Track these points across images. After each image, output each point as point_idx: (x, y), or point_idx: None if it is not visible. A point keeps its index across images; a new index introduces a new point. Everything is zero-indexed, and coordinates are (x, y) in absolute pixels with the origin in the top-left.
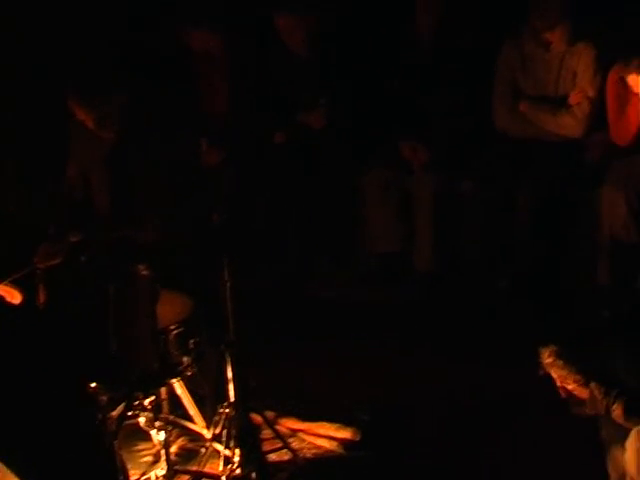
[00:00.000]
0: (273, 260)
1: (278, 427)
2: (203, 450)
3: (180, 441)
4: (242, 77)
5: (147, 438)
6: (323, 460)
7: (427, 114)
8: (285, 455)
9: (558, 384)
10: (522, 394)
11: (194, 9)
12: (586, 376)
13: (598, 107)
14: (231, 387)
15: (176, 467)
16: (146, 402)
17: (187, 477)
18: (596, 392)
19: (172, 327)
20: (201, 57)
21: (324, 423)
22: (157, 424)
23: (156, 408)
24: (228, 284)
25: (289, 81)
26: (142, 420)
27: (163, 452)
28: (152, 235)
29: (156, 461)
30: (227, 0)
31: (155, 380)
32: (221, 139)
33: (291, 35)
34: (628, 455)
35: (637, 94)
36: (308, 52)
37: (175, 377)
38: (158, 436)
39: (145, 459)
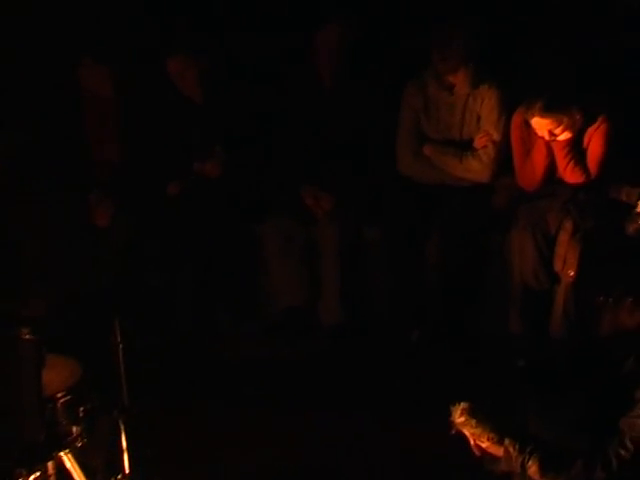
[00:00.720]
0: (169, 318)
1: None
2: None
3: None
4: (134, 123)
5: None
6: None
7: (329, 160)
8: None
9: (471, 442)
10: (436, 451)
11: (86, 46)
12: (500, 433)
13: (504, 151)
14: (125, 457)
15: None
16: (31, 479)
17: None
18: (510, 449)
19: (59, 394)
20: (91, 100)
21: None
22: None
23: None
24: (120, 345)
25: (183, 128)
26: None
27: None
28: (38, 306)
29: None
30: (119, 40)
31: (41, 453)
32: (112, 191)
33: (182, 78)
34: None
35: (542, 137)
36: (202, 96)
37: (63, 449)
38: None
39: None
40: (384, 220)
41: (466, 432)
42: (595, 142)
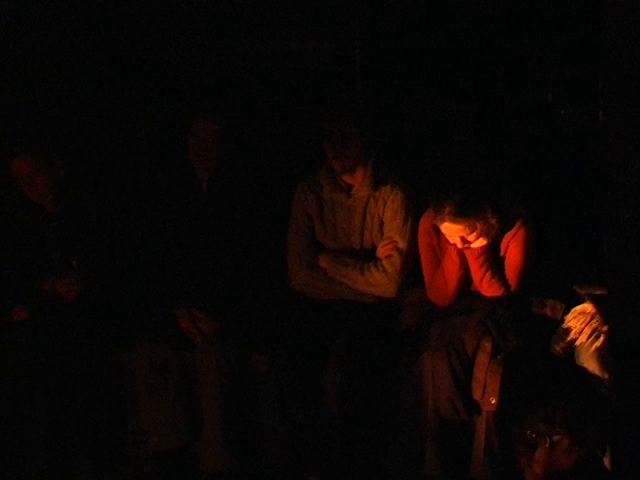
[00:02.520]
0: (15, 467)
1: None
2: None
3: None
4: None
5: None
6: None
7: (208, 275)
8: None
9: None
10: None
11: None
12: None
13: (412, 260)
14: None
15: None
16: None
17: None
18: None
19: None
20: None
21: None
22: None
23: None
24: None
25: (32, 239)
26: None
27: None
28: None
29: None
30: None
31: None
32: None
33: (31, 183)
34: None
35: (453, 245)
36: (54, 204)
37: None
38: None
39: None
40: (273, 346)
41: None
42: (514, 249)
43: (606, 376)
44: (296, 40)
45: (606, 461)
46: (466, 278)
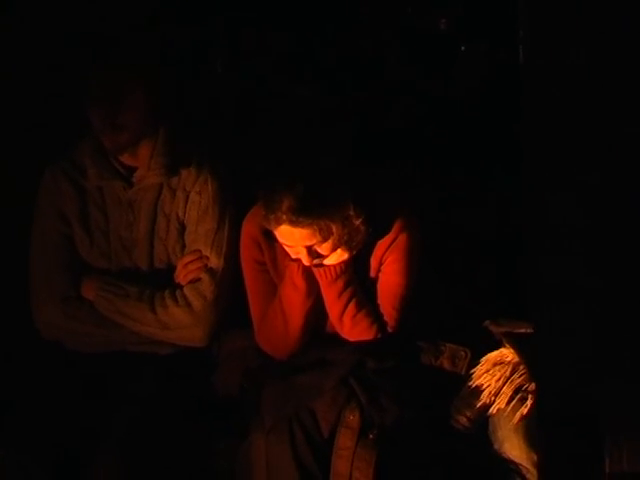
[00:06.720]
0: None
1: None
2: None
3: None
4: None
5: None
6: None
7: None
8: None
9: None
10: None
11: None
12: None
13: (231, 287)
14: None
15: None
16: None
17: None
18: None
19: None
20: None
21: None
22: None
23: None
24: None
25: None
26: None
27: None
28: None
29: None
30: None
31: None
32: None
33: None
34: None
35: (296, 261)
36: None
37: None
38: None
39: None
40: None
41: None
42: (391, 267)
43: (534, 458)
44: None
45: None
46: (317, 313)
